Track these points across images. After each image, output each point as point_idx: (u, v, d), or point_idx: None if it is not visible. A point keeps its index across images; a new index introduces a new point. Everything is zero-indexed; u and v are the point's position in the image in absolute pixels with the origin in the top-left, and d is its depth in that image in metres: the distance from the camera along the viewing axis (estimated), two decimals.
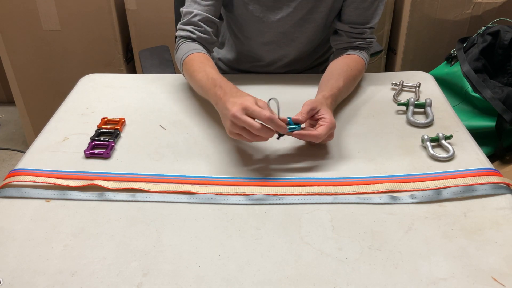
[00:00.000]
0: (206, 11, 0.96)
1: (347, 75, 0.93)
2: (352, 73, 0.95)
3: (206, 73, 0.86)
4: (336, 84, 0.90)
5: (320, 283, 0.57)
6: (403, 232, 0.65)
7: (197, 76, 0.88)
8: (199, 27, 0.96)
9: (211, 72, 0.86)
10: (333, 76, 0.93)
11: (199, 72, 0.88)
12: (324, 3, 0.98)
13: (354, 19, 0.98)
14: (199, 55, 0.93)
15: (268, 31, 1.03)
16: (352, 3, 0.97)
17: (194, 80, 0.90)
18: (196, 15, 0.95)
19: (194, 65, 0.90)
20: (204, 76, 0.86)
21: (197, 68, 0.89)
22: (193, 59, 0.92)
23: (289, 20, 1.00)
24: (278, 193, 0.72)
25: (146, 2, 1.76)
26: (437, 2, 1.70)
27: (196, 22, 0.96)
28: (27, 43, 1.80)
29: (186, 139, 0.86)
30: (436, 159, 0.79)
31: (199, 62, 0.91)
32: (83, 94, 1.03)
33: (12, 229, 0.66)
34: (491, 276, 0.58)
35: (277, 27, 1.01)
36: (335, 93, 0.87)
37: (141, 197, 0.72)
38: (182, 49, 0.96)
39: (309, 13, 0.99)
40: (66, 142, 0.85)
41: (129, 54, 1.91)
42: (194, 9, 0.96)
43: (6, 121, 2.32)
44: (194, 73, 0.89)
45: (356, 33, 1.00)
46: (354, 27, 0.99)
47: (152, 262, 0.60)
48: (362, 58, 1.00)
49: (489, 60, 1.51)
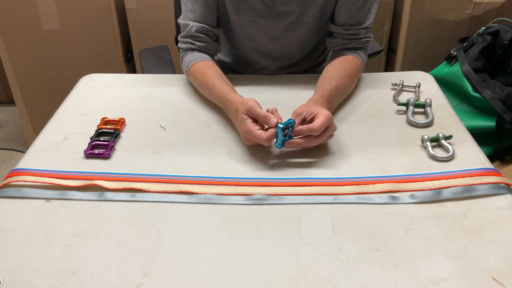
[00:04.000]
0: (202, 21, 0.99)
1: (340, 75, 0.93)
2: (347, 72, 0.94)
3: (208, 87, 0.93)
4: (328, 85, 0.90)
5: (320, 283, 0.57)
6: (403, 232, 0.65)
7: (202, 90, 0.97)
8: (197, 37, 1.00)
9: (211, 84, 0.92)
10: (326, 78, 0.93)
11: (202, 86, 0.95)
12: (315, 6, 0.97)
13: (347, 21, 0.98)
14: (200, 65, 0.97)
15: (259, 35, 1.03)
16: (344, 5, 0.96)
17: (201, 91, 0.98)
18: (193, 26, 0.99)
19: (198, 78, 0.96)
20: (207, 91, 0.94)
21: (200, 82, 0.96)
22: (195, 71, 0.97)
23: (280, 24, 1.00)
24: (278, 193, 0.72)
25: (146, 2, 1.76)
26: (437, 2, 1.70)
27: (194, 33, 0.99)
28: (27, 43, 1.80)
29: (186, 139, 0.86)
30: (436, 159, 0.79)
31: (200, 73, 0.96)
32: (83, 94, 1.03)
33: (12, 229, 0.66)
34: (491, 276, 0.58)
35: (268, 31, 1.01)
36: (326, 93, 0.87)
37: (141, 197, 0.72)
38: (185, 62, 1.01)
39: (300, 17, 0.99)
40: (66, 142, 0.85)
41: (129, 54, 1.91)
42: (189, 20, 0.99)
43: (6, 121, 2.32)
44: (199, 86, 0.97)
45: (350, 34, 0.99)
46: (348, 29, 0.98)
47: (152, 262, 0.60)
48: (358, 57, 0.99)
49: (489, 60, 1.51)
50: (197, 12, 0.98)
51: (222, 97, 0.88)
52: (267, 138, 0.75)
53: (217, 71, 0.95)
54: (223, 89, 0.88)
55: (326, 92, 0.87)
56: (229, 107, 0.86)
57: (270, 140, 0.75)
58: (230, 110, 0.86)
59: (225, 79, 0.94)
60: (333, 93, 0.89)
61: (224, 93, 0.88)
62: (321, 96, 0.86)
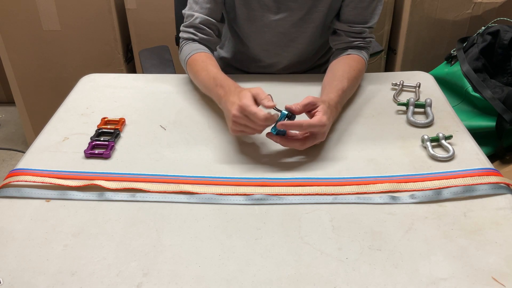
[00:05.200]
0: (207, 13, 0.98)
1: (350, 75, 0.93)
2: (355, 73, 0.95)
3: (207, 72, 0.90)
4: (340, 85, 0.89)
5: (320, 283, 0.57)
6: (403, 232, 0.65)
7: (200, 76, 0.92)
8: (200, 29, 0.99)
9: (212, 71, 0.90)
10: (336, 77, 0.92)
11: (202, 71, 0.92)
12: (323, 2, 0.98)
13: (352, 19, 0.98)
14: (201, 55, 0.96)
15: (267, 31, 1.03)
16: (351, 2, 0.97)
17: (198, 79, 0.94)
18: (197, 17, 0.98)
19: (197, 65, 0.94)
20: (206, 76, 0.90)
21: (200, 68, 0.93)
22: (196, 59, 0.95)
23: (288, 20, 1.00)
24: (278, 193, 0.72)
25: (146, 2, 1.76)
26: (437, 2, 1.70)
27: (197, 24, 0.99)
28: (27, 43, 1.80)
29: (186, 139, 0.86)
30: (436, 159, 0.79)
31: (201, 61, 0.94)
32: (83, 94, 1.03)
33: (12, 229, 0.66)
34: (491, 276, 0.58)
35: (277, 27, 1.01)
36: (340, 94, 0.86)
37: (141, 197, 0.72)
38: (185, 50, 0.99)
39: (308, 13, 0.99)
40: (66, 142, 0.85)
41: (129, 54, 1.91)
42: (195, 11, 0.99)
43: (6, 121, 2.32)
44: (197, 73, 0.93)
45: (355, 32, 1.00)
46: (353, 26, 0.99)
47: (152, 262, 0.60)
48: (363, 57, 1.00)
49: (489, 60, 1.51)
50: (203, 4, 0.98)
51: (218, 79, 0.85)
52: (266, 117, 0.72)
53: (216, 63, 0.94)
54: (221, 75, 0.87)
55: (339, 93, 0.86)
56: (225, 88, 0.82)
57: (268, 121, 0.73)
58: (226, 91, 0.81)
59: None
60: (344, 94, 0.88)
61: (222, 76, 0.86)
62: (337, 96, 0.85)
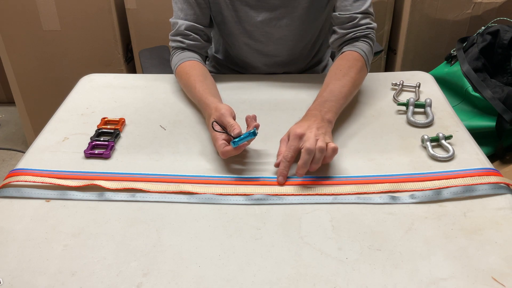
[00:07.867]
0: (192, 20, 1.00)
1: (336, 77, 0.90)
2: (341, 73, 0.91)
3: (190, 88, 0.94)
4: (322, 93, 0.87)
5: (320, 283, 0.57)
6: (403, 232, 0.65)
7: (186, 91, 0.98)
8: (186, 35, 1.01)
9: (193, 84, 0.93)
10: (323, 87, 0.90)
11: (186, 87, 0.96)
12: None
13: (340, 4, 0.98)
14: (185, 65, 0.99)
15: (254, 30, 1.03)
16: None
17: (186, 92, 0.99)
18: (182, 24, 1.00)
19: (182, 79, 0.98)
20: (189, 92, 0.96)
21: (184, 83, 0.97)
22: (180, 71, 0.99)
23: (272, 17, 1.01)
24: (278, 193, 0.72)
25: (146, 2, 1.76)
26: (437, 2, 1.70)
27: (183, 31, 1.00)
28: (27, 43, 1.80)
29: (186, 139, 0.86)
30: (436, 159, 0.79)
31: (184, 74, 0.97)
32: (83, 94, 1.03)
33: (12, 229, 0.66)
34: (491, 276, 0.58)
35: (262, 26, 1.02)
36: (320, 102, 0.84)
37: (141, 197, 0.72)
38: (173, 62, 1.02)
39: (291, 9, 1.00)
40: (66, 142, 0.85)
41: (129, 54, 1.91)
42: (180, 19, 1.01)
43: (6, 121, 2.32)
44: (184, 88, 0.99)
45: (347, 22, 0.97)
46: (343, 14, 0.97)
47: (152, 262, 0.60)
48: (356, 50, 0.95)
49: (489, 60, 1.51)
50: (187, 10, 0.99)
51: (200, 100, 0.89)
52: (222, 152, 0.75)
53: (201, 72, 0.96)
54: (202, 92, 0.89)
55: (315, 106, 0.84)
56: (205, 110, 0.87)
57: (224, 155, 0.75)
58: (205, 114, 0.87)
59: (209, 81, 0.95)
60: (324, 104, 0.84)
61: (203, 96, 0.89)
62: (311, 109, 0.83)
